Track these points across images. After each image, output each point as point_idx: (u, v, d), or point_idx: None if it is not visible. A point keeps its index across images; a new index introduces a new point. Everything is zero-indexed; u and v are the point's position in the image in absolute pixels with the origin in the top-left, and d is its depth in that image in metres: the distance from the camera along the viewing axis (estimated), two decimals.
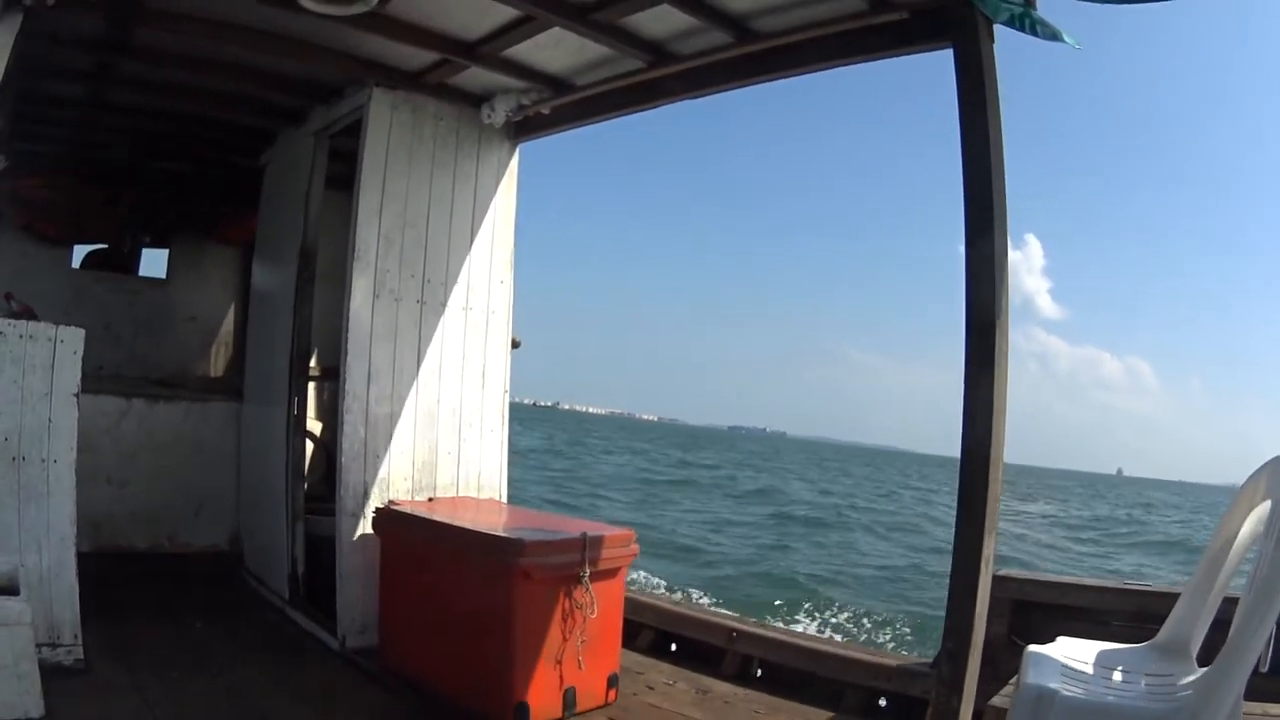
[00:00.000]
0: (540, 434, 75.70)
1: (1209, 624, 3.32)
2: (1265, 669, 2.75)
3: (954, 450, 3.96)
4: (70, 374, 4.31)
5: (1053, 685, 3.01)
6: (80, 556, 4.35)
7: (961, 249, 3.93)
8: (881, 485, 63.41)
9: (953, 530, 3.99)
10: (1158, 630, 3.48)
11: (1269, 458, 3.26)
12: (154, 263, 8.43)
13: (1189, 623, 3.36)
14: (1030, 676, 3.13)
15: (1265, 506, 3.07)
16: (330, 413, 6.62)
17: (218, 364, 8.27)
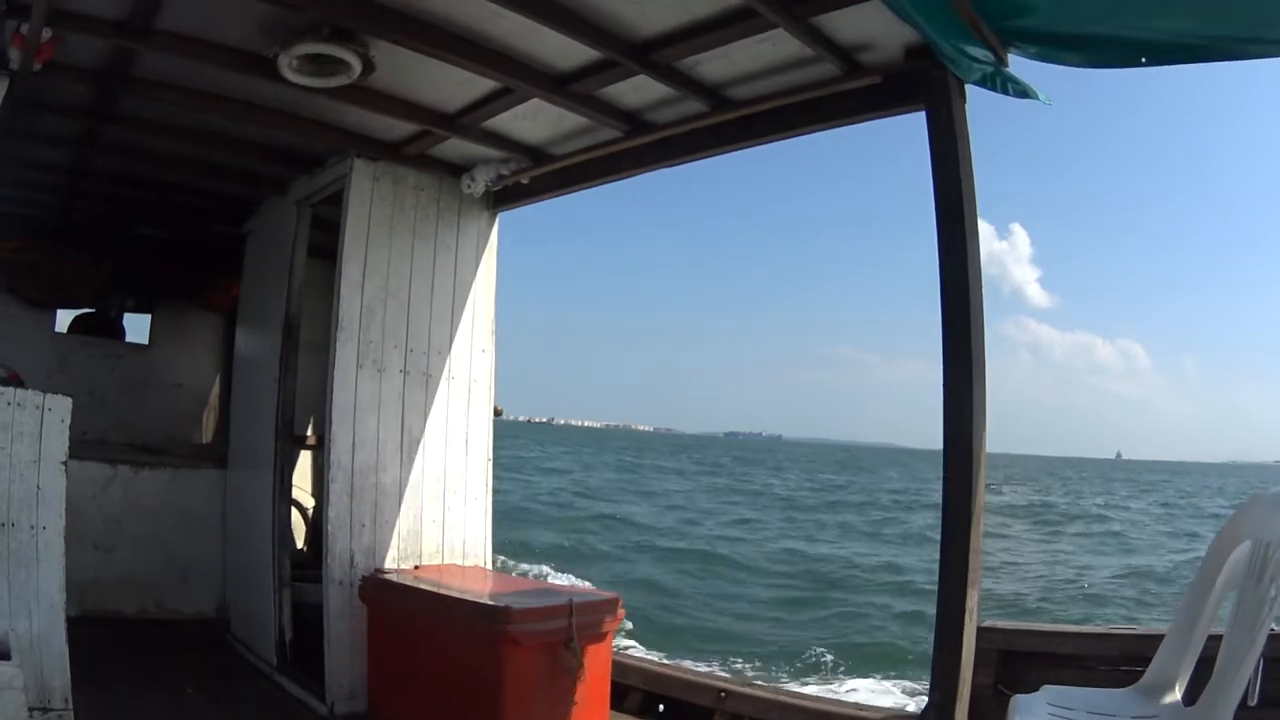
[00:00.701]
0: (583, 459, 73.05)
1: (1194, 664, 3.35)
2: (1254, 702, 2.80)
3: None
4: (58, 442, 4.29)
5: None
6: (68, 621, 4.34)
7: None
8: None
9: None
10: (1144, 673, 3.51)
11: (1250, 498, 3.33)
12: (138, 329, 8.44)
13: (1174, 663, 3.39)
14: None
15: (1245, 546, 3.13)
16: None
17: (205, 431, 8.26)
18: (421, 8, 3.92)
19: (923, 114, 4.09)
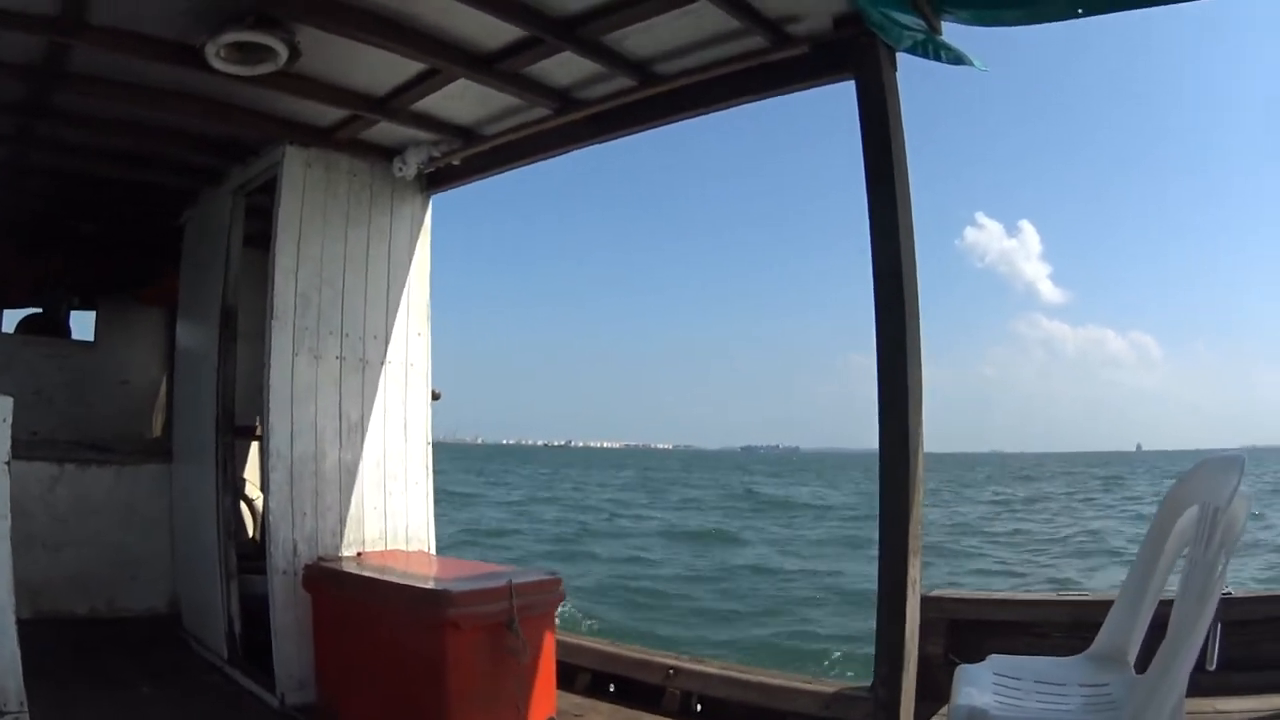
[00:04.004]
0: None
1: (1145, 629, 3.35)
2: (1213, 666, 2.79)
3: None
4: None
5: (983, 704, 3.03)
6: (19, 624, 4.29)
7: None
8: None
9: None
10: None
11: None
12: (84, 326, 8.34)
13: (1124, 630, 3.37)
14: (961, 696, 3.13)
15: (1194, 510, 3.12)
16: None
17: (154, 426, 8.16)
18: None
19: (852, 84, 4.09)
